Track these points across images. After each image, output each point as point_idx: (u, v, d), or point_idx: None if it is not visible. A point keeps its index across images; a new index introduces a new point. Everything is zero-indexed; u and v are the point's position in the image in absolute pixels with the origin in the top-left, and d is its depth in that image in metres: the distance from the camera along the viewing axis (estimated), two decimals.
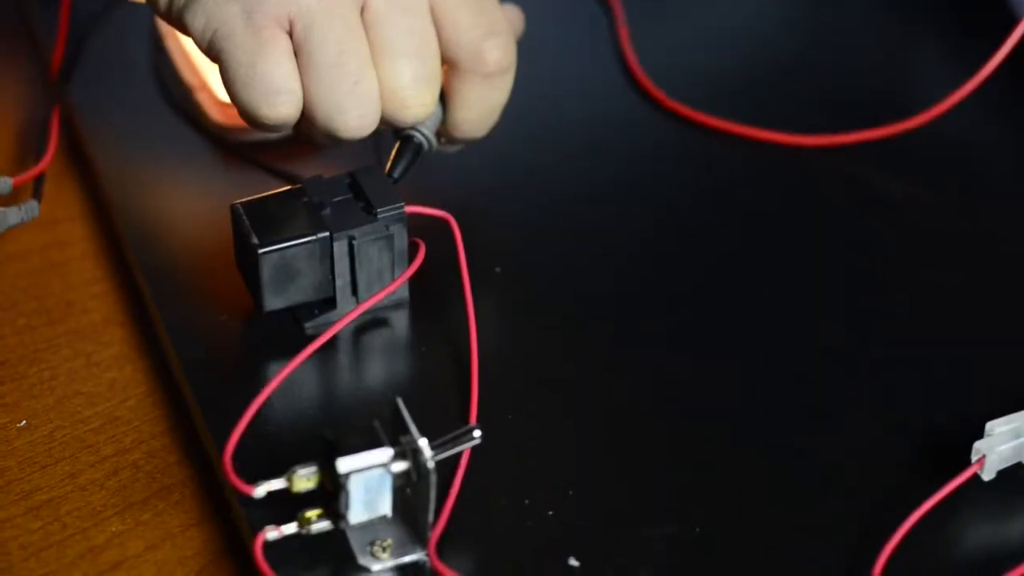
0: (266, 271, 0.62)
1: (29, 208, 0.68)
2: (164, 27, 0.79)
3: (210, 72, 0.75)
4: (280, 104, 0.63)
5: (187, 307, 0.66)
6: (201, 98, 0.75)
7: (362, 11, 0.64)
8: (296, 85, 0.63)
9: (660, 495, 0.60)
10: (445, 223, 0.66)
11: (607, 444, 0.62)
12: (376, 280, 0.64)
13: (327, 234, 0.63)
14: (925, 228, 0.72)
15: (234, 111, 0.72)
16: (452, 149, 0.69)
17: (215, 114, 0.74)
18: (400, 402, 0.56)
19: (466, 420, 0.62)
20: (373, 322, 0.66)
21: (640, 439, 0.62)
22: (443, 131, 0.68)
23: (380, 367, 0.65)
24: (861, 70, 0.81)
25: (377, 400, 0.63)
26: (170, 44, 0.78)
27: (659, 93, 0.77)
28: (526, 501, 0.59)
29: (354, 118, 0.63)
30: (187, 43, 0.77)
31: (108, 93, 0.77)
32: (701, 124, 0.76)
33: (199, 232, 0.70)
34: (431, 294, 0.67)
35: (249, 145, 0.74)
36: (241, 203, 0.64)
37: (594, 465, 0.61)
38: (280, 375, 0.60)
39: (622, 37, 0.81)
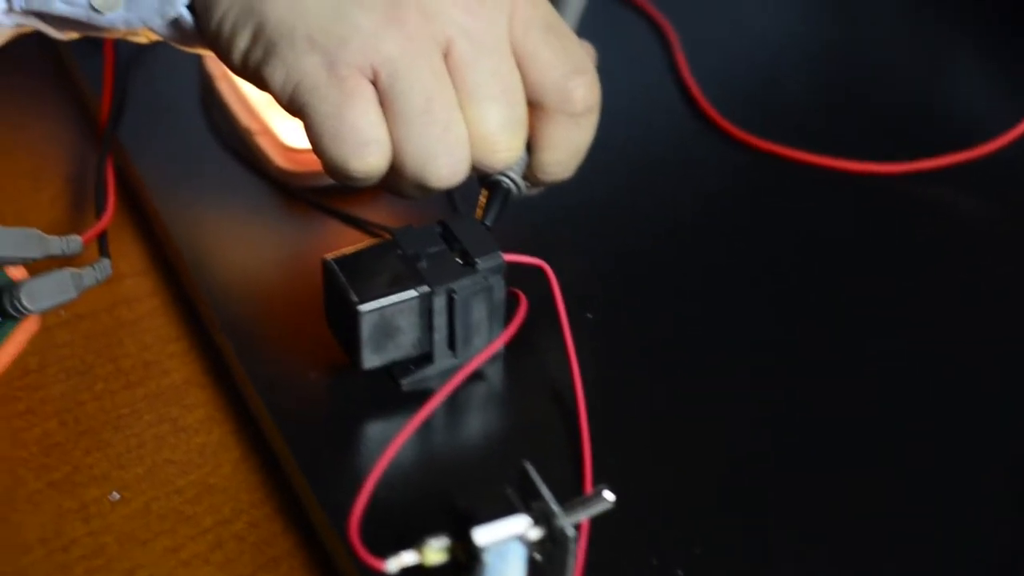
0: (366, 329, 0.60)
1: (102, 267, 0.66)
2: (214, 68, 0.76)
3: (271, 115, 0.73)
4: (369, 155, 0.61)
5: (274, 365, 0.64)
6: (262, 142, 0.73)
7: (445, 55, 0.62)
8: (384, 135, 0.61)
9: (790, 545, 0.58)
10: (537, 269, 0.64)
11: (727, 494, 0.60)
12: (474, 332, 0.63)
13: (427, 289, 0.61)
14: (1006, 254, 0.71)
15: (299, 155, 0.71)
16: (534, 191, 0.67)
17: (279, 159, 0.72)
18: (529, 467, 0.54)
19: (580, 478, 0.60)
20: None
21: (762, 485, 0.60)
22: (528, 173, 0.66)
23: (481, 422, 0.63)
24: (925, 95, 0.80)
25: (483, 457, 0.61)
26: (222, 87, 0.75)
27: (727, 123, 0.76)
28: (654, 561, 0.57)
29: (445, 166, 0.62)
30: (243, 86, 0.74)
31: (160, 139, 0.75)
32: (773, 154, 0.75)
33: (276, 283, 0.68)
34: (524, 343, 0.64)
35: (314, 190, 0.72)
36: (334, 258, 0.62)
37: (717, 517, 0.59)
38: (395, 442, 0.57)
39: (680, 65, 0.79)
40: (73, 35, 0.68)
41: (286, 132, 0.72)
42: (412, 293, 0.61)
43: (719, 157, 0.75)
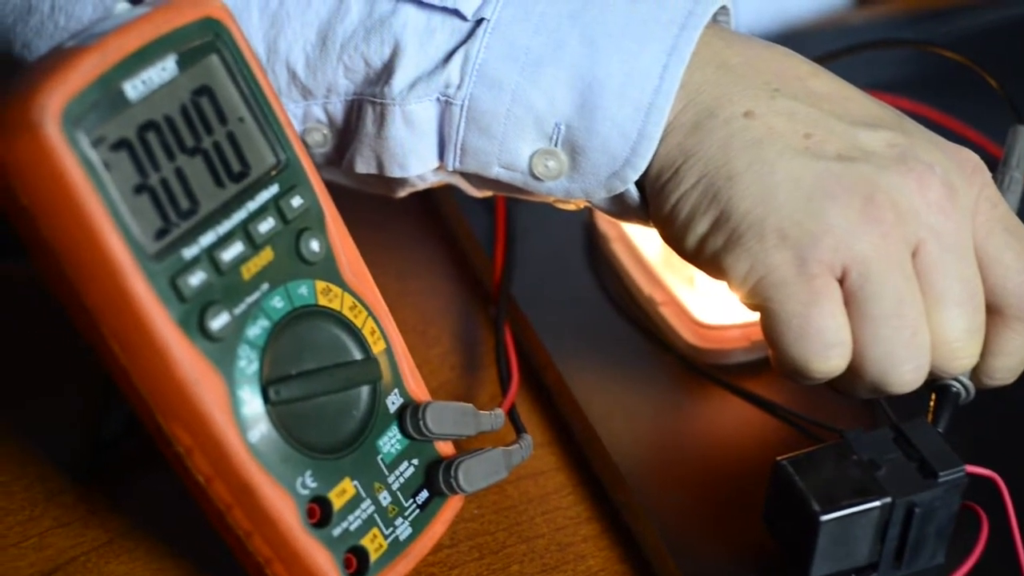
0: (823, 538, 0.58)
1: (526, 444, 0.63)
2: (609, 230, 0.74)
3: (675, 285, 0.71)
4: (833, 357, 0.59)
5: (703, 561, 0.61)
6: (667, 313, 0.70)
7: (912, 255, 0.59)
8: (848, 337, 0.59)
9: None
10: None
11: None
12: (922, 545, 0.60)
13: (888, 500, 0.58)
14: None
15: (710, 332, 0.69)
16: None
17: (687, 334, 0.69)
18: None
19: None
20: None
21: None
22: (972, 376, 0.63)
23: None
24: None
25: None
26: (618, 249, 0.73)
27: None
28: None
29: (908, 372, 0.59)
30: (643, 251, 0.72)
31: (551, 301, 0.73)
32: None
33: (695, 469, 0.65)
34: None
35: (721, 367, 0.69)
36: (787, 460, 0.59)
37: None
38: None
39: None
40: (488, 193, 0.67)
41: (694, 305, 0.70)
42: (874, 504, 0.58)
43: None
